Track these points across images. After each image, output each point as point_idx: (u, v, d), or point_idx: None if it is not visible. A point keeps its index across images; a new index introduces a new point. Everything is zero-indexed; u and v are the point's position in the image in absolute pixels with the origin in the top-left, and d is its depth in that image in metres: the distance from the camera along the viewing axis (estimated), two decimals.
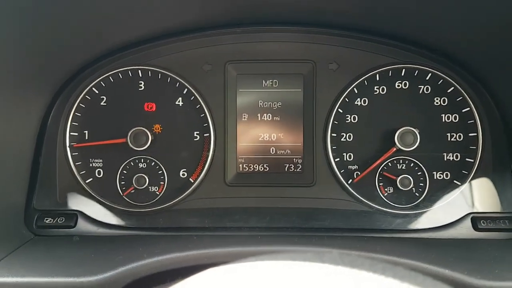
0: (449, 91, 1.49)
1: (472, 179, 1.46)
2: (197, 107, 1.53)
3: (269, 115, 1.55)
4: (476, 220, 1.40)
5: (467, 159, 1.48)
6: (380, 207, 1.47)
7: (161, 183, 1.53)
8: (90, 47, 1.45)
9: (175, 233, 1.41)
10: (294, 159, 1.54)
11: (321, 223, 1.44)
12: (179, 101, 1.54)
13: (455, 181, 1.47)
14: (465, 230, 1.39)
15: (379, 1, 1.29)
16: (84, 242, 1.33)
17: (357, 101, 1.52)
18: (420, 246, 1.25)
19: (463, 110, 1.48)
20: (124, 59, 1.53)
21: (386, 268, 0.50)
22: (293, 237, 1.24)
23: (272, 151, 1.55)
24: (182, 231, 1.42)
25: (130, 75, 1.54)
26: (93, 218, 1.46)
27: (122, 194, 1.52)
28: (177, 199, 1.52)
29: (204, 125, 1.53)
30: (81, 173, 1.53)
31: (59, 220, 1.43)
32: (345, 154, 1.52)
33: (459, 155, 1.48)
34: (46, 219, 1.43)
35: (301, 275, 0.54)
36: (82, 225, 1.45)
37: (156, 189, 1.53)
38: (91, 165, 1.54)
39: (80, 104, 1.54)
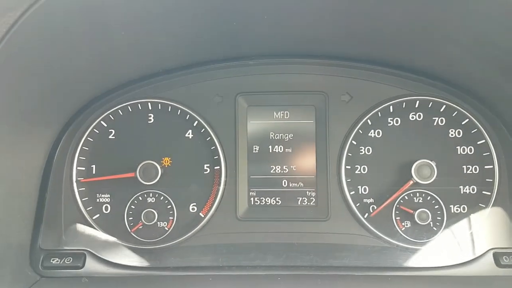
0: (463, 123, 1.47)
1: (489, 212, 1.43)
2: (207, 139, 1.50)
3: (280, 147, 1.52)
4: (498, 256, 1.36)
5: (483, 192, 1.45)
6: (399, 243, 1.42)
7: (170, 218, 1.48)
8: (98, 81, 1.42)
9: (188, 272, 1.35)
10: (308, 192, 1.51)
11: (340, 261, 1.39)
12: (189, 134, 1.51)
13: (472, 215, 1.44)
14: (488, 267, 1.35)
15: (394, 35, 1.28)
16: (93, 283, 1.27)
17: (371, 133, 1.50)
18: (444, 285, 1.21)
19: (479, 142, 1.46)
20: (133, 92, 1.51)
21: None
22: (315, 278, 1.19)
23: (284, 184, 1.51)
24: (196, 271, 1.36)
25: (140, 108, 1.51)
26: (102, 257, 1.40)
27: (130, 230, 1.47)
28: (187, 235, 1.46)
29: (215, 157, 1.50)
30: (88, 209, 1.48)
31: (67, 260, 1.37)
32: (360, 187, 1.48)
33: (475, 187, 1.45)
34: (53, 260, 1.37)
35: None
36: (91, 265, 1.39)
37: (165, 224, 1.48)
38: (98, 200, 1.49)
39: (88, 138, 1.50)
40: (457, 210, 1.45)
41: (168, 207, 1.49)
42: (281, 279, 1.15)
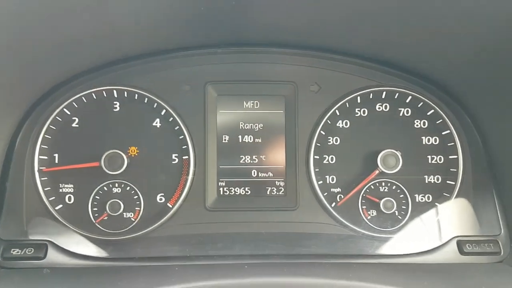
0: (429, 113, 1.50)
1: (454, 201, 1.46)
2: (176, 128, 1.48)
3: (250, 137, 1.52)
4: (462, 244, 1.39)
5: (448, 182, 1.48)
6: (365, 231, 1.44)
7: (137, 208, 1.45)
8: (62, 66, 1.37)
9: (154, 263, 1.33)
10: (277, 182, 1.51)
11: (307, 249, 1.40)
12: (156, 123, 1.48)
13: (436, 204, 1.47)
14: (451, 254, 1.39)
15: (361, 25, 1.29)
16: (55, 274, 1.23)
17: (339, 123, 1.51)
18: (408, 272, 1.23)
19: (443, 133, 1.50)
20: (98, 78, 1.46)
21: None
22: (281, 266, 1.19)
23: (254, 174, 1.51)
24: (162, 261, 1.34)
25: (105, 95, 1.47)
26: (65, 248, 1.36)
27: (94, 221, 1.43)
28: (154, 226, 1.44)
29: (183, 147, 1.47)
30: (50, 199, 1.43)
31: (28, 251, 1.33)
32: (328, 176, 1.50)
33: (440, 177, 1.49)
34: (13, 250, 1.32)
35: None
36: (53, 256, 1.34)
37: (131, 215, 1.45)
38: (61, 190, 1.44)
39: (50, 126, 1.45)
40: (422, 199, 1.48)
41: (135, 197, 1.46)
42: (248, 268, 1.14)
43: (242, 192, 1.50)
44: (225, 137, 1.51)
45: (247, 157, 1.51)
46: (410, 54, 1.42)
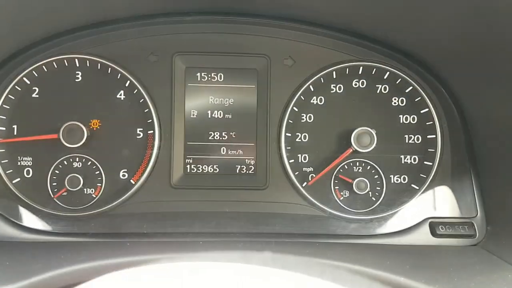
0: (407, 91, 1.43)
1: (430, 183, 1.40)
2: (141, 101, 1.40)
3: (220, 112, 1.44)
4: (434, 225, 1.33)
5: (425, 162, 1.42)
6: (334, 211, 1.38)
7: (98, 184, 1.39)
8: (20, 33, 1.30)
9: (108, 239, 1.26)
10: (247, 160, 1.44)
11: (271, 227, 1.34)
12: (120, 95, 1.41)
13: (413, 185, 1.41)
14: (423, 236, 1.32)
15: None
16: (3, 248, 1.17)
17: (313, 100, 1.44)
18: (376, 252, 1.17)
19: (422, 111, 1.43)
20: (59, 46, 1.39)
21: (325, 271, 0.40)
22: (237, 243, 1.13)
23: (223, 151, 1.44)
24: (117, 237, 1.27)
25: (66, 64, 1.40)
26: (16, 222, 1.29)
27: (53, 196, 1.37)
28: (115, 202, 1.37)
29: (148, 121, 1.40)
30: (7, 172, 1.36)
31: None
32: (300, 155, 1.43)
33: (417, 158, 1.42)
34: None
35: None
36: (2, 229, 1.28)
37: (92, 191, 1.38)
38: (19, 163, 1.38)
39: (9, 96, 1.38)
40: (397, 180, 1.42)
41: (96, 173, 1.39)
42: (203, 244, 1.08)
43: (210, 170, 1.43)
44: (193, 112, 1.44)
45: (216, 134, 1.44)
46: (386, 28, 1.34)
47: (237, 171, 1.43)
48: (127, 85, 1.40)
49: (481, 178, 1.35)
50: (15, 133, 1.38)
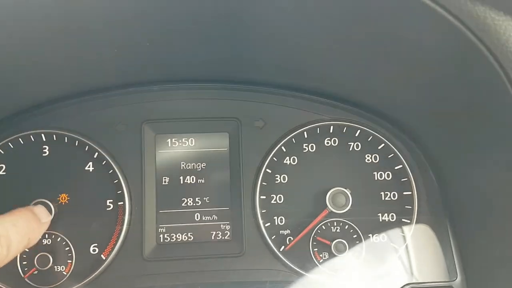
0: (380, 147, 1.42)
1: (409, 242, 1.36)
2: (110, 172, 1.37)
3: (192, 178, 1.41)
4: None
5: (403, 220, 1.39)
6: (315, 276, 1.33)
7: (69, 261, 1.33)
8: None
9: None
10: (222, 226, 1.40)
11: None
12: (89, 166, 1.38)
13: (392, 244, 1.37)
14: None
15: (304, 61, 1.22)
16: None
17: (286, 160, 1.42)
18: None
19: (396, 168, 1.41)
20: (24, 122, 1.36)
21: None
22: None
23: (197, 218, 1.40)
24: None
25: (32, 140, 1.37)
26: None
27: (23, 275, 1.31)
28: (87, 280, 1.32)
29: (118, 192, 1.37)
30: None
31: None
32: (276, 217, 1.39)
33: (394, 215, 1.39)
34: None
35: None
36: None
37: (63, 268, 1.33)
38: None
39: None
40: (376, 239, 1.38)
41: (66, 249, 1.34)
42: None
43: (184, 238, 1.39)
44: (165, 179, 1.41)
45: (190, 200, 1.40)
46: (355, 87, 1.34)
47: (212, 238, 1.39)
48: (95, 156, 1.37)
49: (459, 238, 1.32)
50: None
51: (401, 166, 1.40)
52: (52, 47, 1.08)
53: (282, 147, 1.41)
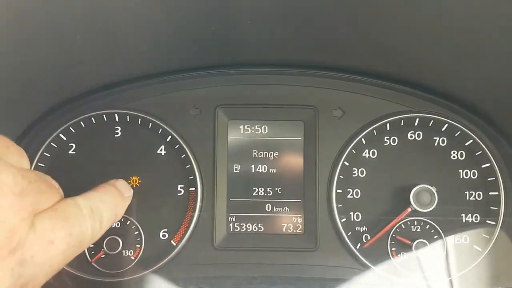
0: (467, 144, 1.33)
1: (493, 246, 1.28)
2: (182, 157, 1.33)
3: (264, 167, 1.36)
4: None
5: (487, 221, 1.31)
6: (395, 277, 1.27)
7: (138, 246, 1.30)
8: (57, 88, 1.24)
9: None
10: (294, 218, 1.34)
11: None
12: (161, 150, 1.33)
13: (475, 246, 1.30)
14: None
15: (389, 47, 1.14)
16: None
17: (365, 153, 1.35)
18: None
19: (483, 166, 1.32)
20: (97, 101, 1.33)
21: None
22: None
23: (268, 208, 1.35)
24: None
25: (105, 119, 1.33)
26: None
27: (90, 260, 1.28)
28: (156, 266, 1.28)
29: (190, 177, 1.32)
30: None
31: None
32: (352, 213, 1.33)
33: (478, 216, 1.31)
34: None
35: None
36: None
37: (131, 253, 1.30)
38: None
39: (44, 153, 1.31)
40: (458, 241, 1.31)
41: (135, 233, 1.31)
42: None
43: (255, 229, 1.34)
44: (236, 166, 1.35)
45: (261, 189, 1.35)
46: (446, 78, 1.25)
47: (284, 230, 1.34)
48: (168, 140, 1.33)
49: None
50: None
51: (488, 164, 1.32)
52: (135, 29, 1.03)
53: (362, 139, 1.33)
